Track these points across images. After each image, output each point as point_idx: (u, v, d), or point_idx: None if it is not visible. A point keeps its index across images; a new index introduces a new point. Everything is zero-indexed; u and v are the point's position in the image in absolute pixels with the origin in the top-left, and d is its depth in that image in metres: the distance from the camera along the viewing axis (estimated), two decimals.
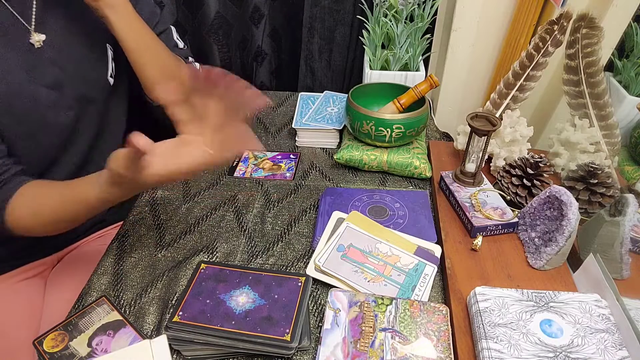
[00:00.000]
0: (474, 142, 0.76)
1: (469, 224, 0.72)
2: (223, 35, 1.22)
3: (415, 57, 1.03)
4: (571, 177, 0.75)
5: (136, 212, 0.82)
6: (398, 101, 0.88)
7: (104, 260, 0.73)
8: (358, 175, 0.91)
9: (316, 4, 1.17)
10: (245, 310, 0.60)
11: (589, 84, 0.81)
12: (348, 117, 0.88)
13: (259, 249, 0.75)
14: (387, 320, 0.59)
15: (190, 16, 1.21)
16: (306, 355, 0.59)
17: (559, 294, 0.59)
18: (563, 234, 0.64)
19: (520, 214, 0.72)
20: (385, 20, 0.99)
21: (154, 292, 0.68)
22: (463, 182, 0.79)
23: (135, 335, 0.61)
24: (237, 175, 0.90)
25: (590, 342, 0.53)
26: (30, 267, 0.83)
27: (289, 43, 1.38)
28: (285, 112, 1.10)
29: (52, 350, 0.60)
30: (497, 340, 0.54)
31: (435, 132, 1.03)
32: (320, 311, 0.65)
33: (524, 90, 0.85)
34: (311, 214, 0.82)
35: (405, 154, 0.87)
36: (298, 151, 0.97)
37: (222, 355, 0.59)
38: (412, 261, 0.68)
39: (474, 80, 1.02)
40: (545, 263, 0.66)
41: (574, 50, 0.81)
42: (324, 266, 0.67)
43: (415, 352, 0.55)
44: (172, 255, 0.74)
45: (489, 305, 0.58)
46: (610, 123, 0.80)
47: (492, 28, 0.94)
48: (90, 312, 0.64)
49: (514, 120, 0.84)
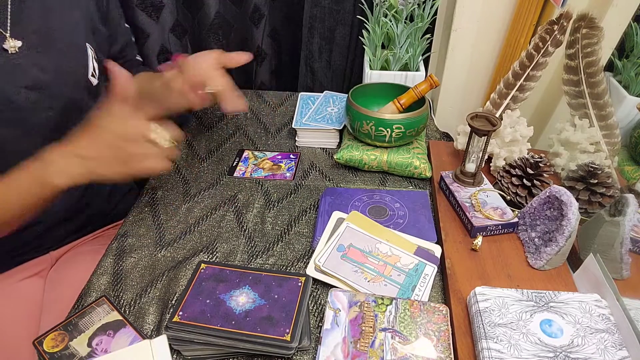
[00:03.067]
0: (474, 142, 0.76)
1: (469, 224, 0.72)
2: (223, 35, 1.22)
3: (415, 57, 1.03)
4: (571, 177, 0.75)
5: (136, 212, 0.82)
6: (398, 101, 0.88)
7: (103, 260, 0.73)
8: (358, 175, 0.91)
9: (316, 4, 1.17)
10: (245, 310, 0.60)
11: (589, 84, 0.81)
12: (348, 117, 0.88)
13: (259, 249, 0.75)
14: (387, 320, 0.59)
15: (190, 16, 1.21)
16: (306, 355, 0.59)
17: (559, 294, 0.59)
18: (563, 234, 0.64)
19: (520, 214, 0.72)
20: (385, 20, 0.99)
21: (154, 292, 0.68)
22: (463, 182, 0.79)
23: (135, 335, 0.61)
24: (237, 175, 0.90)
25: (590, 342, 0.53)
26: (29, 266, 0.83)
27: (289, 43, 1.38)
28: (285, 112, 1.10)
29: (52, 350, 0.60)
30: (497, 340, 0.54)
31: (435, 132, 1.03)
32: (320, 311, 0.65)
33: (524, 90, 0.85)
34: (311, 214, 0.82)
35: (405, 154, 0.87)
36: (298, 151, 0.97)
37: (222, 355, 0.59)
38: (412, 261, 0.68)
39: (474, 80, 1.02)
40: (545, 263, 0.66)
41: (574, 50, 0.81)
42: (324, 266, 0.67)
43: (415, 352, 0.55)
44: (172, 255, 0.74)
45: (489, 305, 0.58)
46: (610, 123, 0.80)
47: (492, 28, 0.94)
48: (90, 312, 0.64)
49: (514, 120, 0.84)
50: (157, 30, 1.17)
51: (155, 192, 0.86)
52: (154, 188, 0.87)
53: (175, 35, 1.21)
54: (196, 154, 0.97)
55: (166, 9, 1.15)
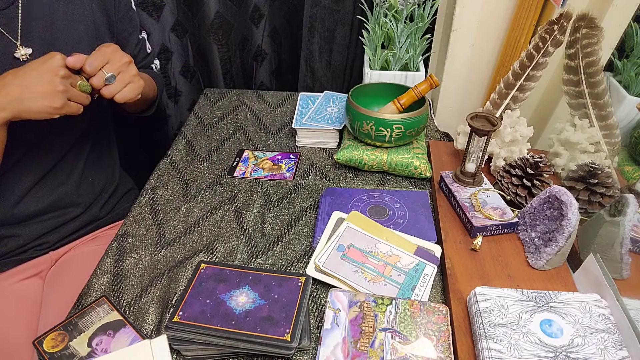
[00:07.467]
0: (474, 142, 0.76)
1: (469, 224, 0.72)
2: (223, 35, 1.22)
3: (415, 57, 1.03)
4: (571, 177, 0.75)
5: (136, 212, 0.82)
6: (398, 101, 0.88)
7: (103, 260, 0.73)
8: (358, 175, 0.91)
9: (316, 4, 1.17)
10: (245, 310, 0.60)
11: (589, 84, 0.81)
12: (348, 117, 0.88)
13: (259, 249, 0.75)
14: (387, 320, 0.59)
15: (190, 16, 1.21)
16: (306, 355, 0.59)
17: (559, 294, 0.59)
18: (563, 234, 0.64)
19: (520, 214, 0.72)
20: (385, 20, 0.99)
21: (154, 292, 0.68)
22: (463, 182, 0.79)
23: (135, 335, 0.61)
24: (237, 175, 0.90)
25: (590, 342, 0.53)
26: (29, 266, 0.83)
27: (289, 43, 1.38)
28: (285, 112, 1.10)
29: (52, 350, 0.60)
30: (497, 340, 0.54)
31: (435, 132, 1.03)
32: (320, 311, 0.65)
33: (524, 90, 0.85)
34: (311, 214, 0.82)
35: (405, 154, 0.87)
36: (298, 151, 0.97)
37: (222, 355, 0.59)
38: (412, 261, 0.68)
39: (474, 80, 1.02)
40: (545, 263, 0.66)
41: (574, 50, 0.81)
42: (324, 266, 0.67)
43: (415, 352, 0.55)
44: (172, 255, 0.74)
45: (489, 305, 0.58)
46: (610, 123, 0.80)
47: (492, 28, 0.94)
48: (90, 312, 0.64)
49: (514, 120, 0.84)
50: (158, 30, 1.17)
51: (155, 192, 0.86)
52: (154, 188, 0.87)
53: (175, 35, 1.21)
54: (196, 154, 0.97)
55: (167, 8, 1.15)
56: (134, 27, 0.90)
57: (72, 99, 0.65)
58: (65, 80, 0.63)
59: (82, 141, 0.85)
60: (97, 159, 0.90)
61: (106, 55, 0.67)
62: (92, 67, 0.65)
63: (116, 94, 0.68)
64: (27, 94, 0.61)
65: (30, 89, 0.61)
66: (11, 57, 0.70)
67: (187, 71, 1.30)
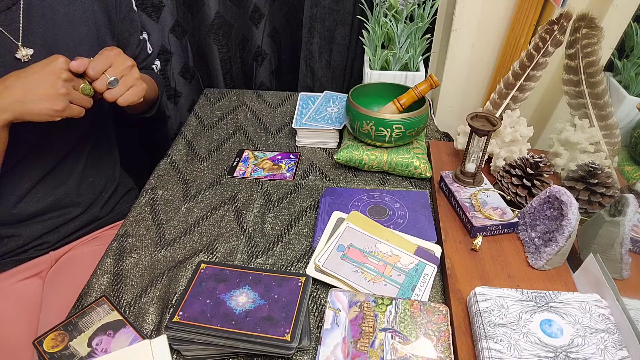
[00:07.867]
0: (474, 142, 0.76)
1: (469, 224, 0.72)
2: (223, 35, 1.22)
3: (415, 57, 1.03)
4: (571, 177, 0.75)
5: (136, 212, 0.82)
6: (398, 101, 0.88)
7: (103, 260, 0.73)
8: (358, 175, 0.91)
9: (316, 4, 1.17)
10: (245, 310, 0.60)
11: (589, 84, 0.81)
12: (348, 117, 0.88)
13: (259, 249, 0.75)
14: (387, 320, 0.59)
15: (190, 16, 1.21)
16: (306, 355, 0.59)
17: (559, 294, 0.59)
18: (563, 234, 0.64)
19: (520, 214, 0.72)
20: (385, 20, 0.99)
21: (154, 292, 0.68)
22: (463, 182, 0.79)
23: (135, 335, 0.61)
24: (237, 175, 0.90)
25: (590, 342, 0.53)
26: (29, 266, 0.83)
27: (289, 43, 1.38)
28: (285, 112, 1.10)
29: (52, 350, 0.60)
30: (497, 340, 0.54)
31: (435, 132, 1.03)
32: (320, 311, 0.65)
33: (524, 90, 0.85)
34: (311, 214, 0.82)
35: (405, 154, 0.87)
36: (298, 151, 0.97)
37: (222, 355, 0.59)
38: (412, 261, 0.68)
39: (474, 80, 1.02)
40: (545, 263, 0.66)
41: (574, 50, 0.81)
42: (324, 266, 0.67)
43: (415, 352, 0.55)
44: (172, 255, 0.74)
45: (489, 305, 0.58)
46: (610, 123, 0.80)
47: (492, 28, 0.95)
48: (90, 312, 0.64)
49: (514, 120, 0.84)
50: (157, 30, 1.17)
51: (155, 192, 0.86)
52: (154, 188, 0.87)
53: (175, 36, 1.21)
54: (196, 154, 0.97)
55: (166, 9, 1.15)
56: (135, 27, 0.90)
57: (74, 101, 0.65)
58: (68, 83, 0.63)
59: (82, 142, 0.85)
60: (97, 160, 0.90)
61: (109, 59, 0.67)
62: (95, 71, 0.65)
63: (119, 97, 0.68)
64: (29, 96, 0.61)
65: (32, 91, 0.61)
66: (12, 58, 0.70)
67: (187, 72, 1.30)
